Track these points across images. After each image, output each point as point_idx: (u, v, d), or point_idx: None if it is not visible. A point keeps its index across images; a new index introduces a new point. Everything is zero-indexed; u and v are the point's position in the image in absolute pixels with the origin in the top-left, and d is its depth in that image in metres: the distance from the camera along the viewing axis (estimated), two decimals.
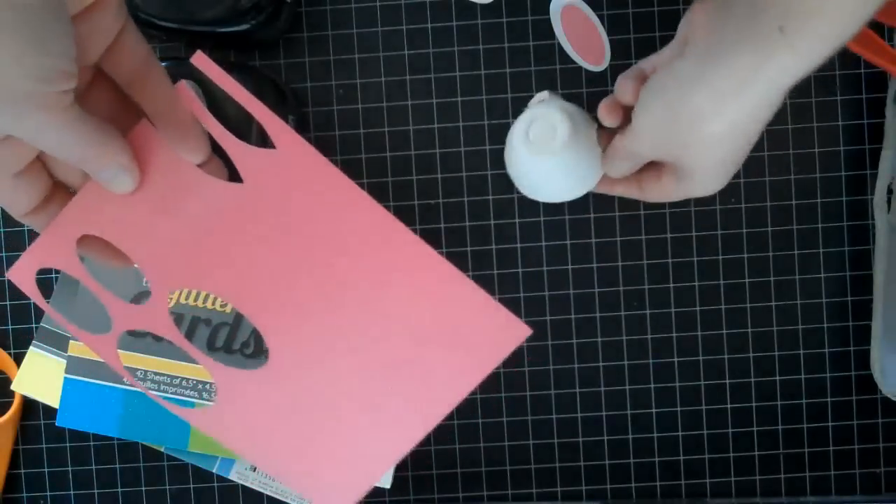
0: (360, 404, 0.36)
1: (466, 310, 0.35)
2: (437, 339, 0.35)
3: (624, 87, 0.42)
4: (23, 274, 0.35)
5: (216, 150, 0.35)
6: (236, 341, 0.50)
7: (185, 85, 0.34)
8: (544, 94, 0.48)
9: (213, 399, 0.53)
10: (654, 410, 0.53)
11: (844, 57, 0.52)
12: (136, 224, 0.35)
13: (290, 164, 0.34)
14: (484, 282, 0.53)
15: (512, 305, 0.53)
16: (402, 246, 0.35)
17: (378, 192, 0.52)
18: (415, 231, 0.35)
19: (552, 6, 0.52)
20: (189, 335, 0.50)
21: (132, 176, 0.34)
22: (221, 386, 0.36)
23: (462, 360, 0.35)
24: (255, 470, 0.52)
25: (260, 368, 0.36)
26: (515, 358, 0.53)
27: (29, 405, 0.54)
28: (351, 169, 0.52)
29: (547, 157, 0.45)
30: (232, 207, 0.35)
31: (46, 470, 0.54)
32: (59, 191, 0.35)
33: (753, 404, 0.53)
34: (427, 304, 0.35)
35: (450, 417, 0.53)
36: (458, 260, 0.52)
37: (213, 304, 0.50)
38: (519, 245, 0.53)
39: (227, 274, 0.35)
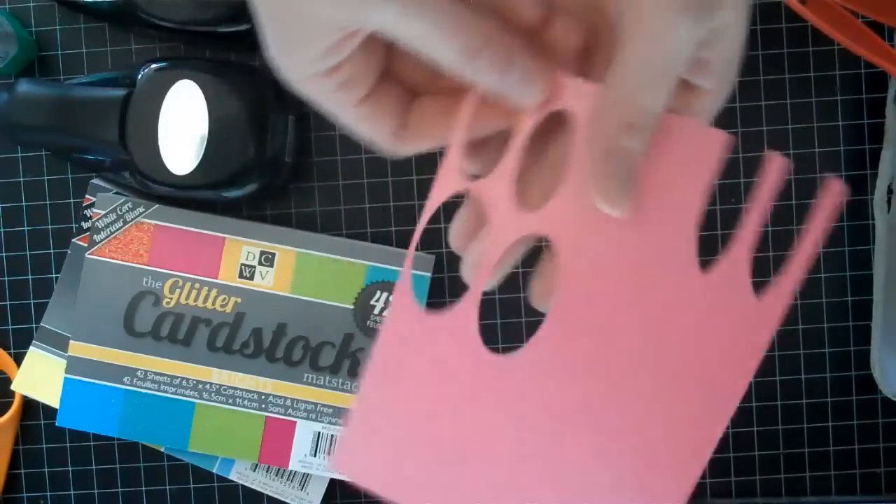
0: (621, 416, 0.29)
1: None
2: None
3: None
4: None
5: None
6: (236, 341, 0.50)
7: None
8: None
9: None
10: None
11: (844, 57, 0.52)
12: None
13: None
14: None
15: (512, 304, 0.53)
16: None
17: (378, 191, 0.52)
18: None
19: None
20: (189, 335, 0.50)
21: (540, 80, 0.26)
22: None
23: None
24: (254, 469, 0.52)
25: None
26: None
27: (29, 405, 0.54)
28: (351, 167, 0.52)
29: None
30: None
31: (46, 470, 0.54)
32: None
33: (753, 404, 0.53)
34: None
35: None
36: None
37: (213, 304, 0.50)
38: None
39: None
